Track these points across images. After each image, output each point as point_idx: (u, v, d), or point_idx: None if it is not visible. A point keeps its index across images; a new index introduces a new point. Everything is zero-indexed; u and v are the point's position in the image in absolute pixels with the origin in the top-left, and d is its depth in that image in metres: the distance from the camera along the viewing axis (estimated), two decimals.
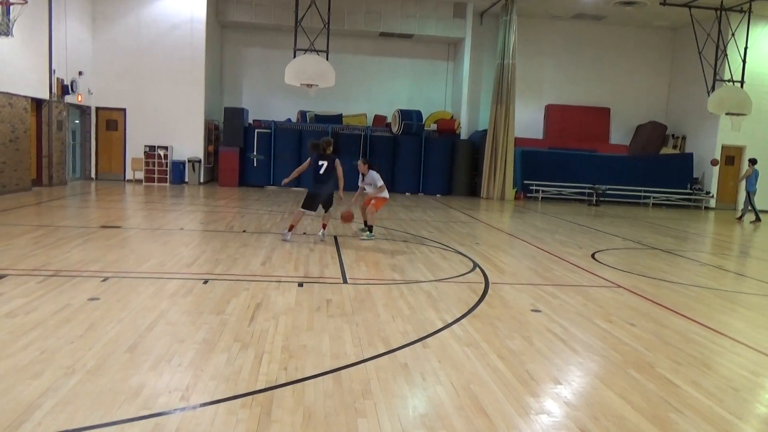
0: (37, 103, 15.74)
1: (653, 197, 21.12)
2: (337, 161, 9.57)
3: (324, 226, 9.96)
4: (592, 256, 9.62)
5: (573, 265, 8.72)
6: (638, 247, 11.13)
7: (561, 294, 6.81)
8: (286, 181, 9.92)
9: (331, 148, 9.66)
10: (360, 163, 10.45)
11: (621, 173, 21.19)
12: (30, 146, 15.29)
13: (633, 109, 23.38)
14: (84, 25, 18.29)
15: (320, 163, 9.46)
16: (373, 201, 10.37)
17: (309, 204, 9.59)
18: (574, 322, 5.67)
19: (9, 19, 11.56)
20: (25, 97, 14.76)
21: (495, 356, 4.60)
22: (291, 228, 9.65)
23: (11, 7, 11.73)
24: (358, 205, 10.87)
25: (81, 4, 17.97)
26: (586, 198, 20.86)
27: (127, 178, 19.63)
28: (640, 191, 21.12)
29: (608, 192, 20.56)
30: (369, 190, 10.40)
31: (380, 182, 10.23)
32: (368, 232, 10.21)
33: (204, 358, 4.27)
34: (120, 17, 19.02)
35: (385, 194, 10.40)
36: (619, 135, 23.49)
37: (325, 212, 9.89)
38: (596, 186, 20.34)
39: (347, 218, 10.04)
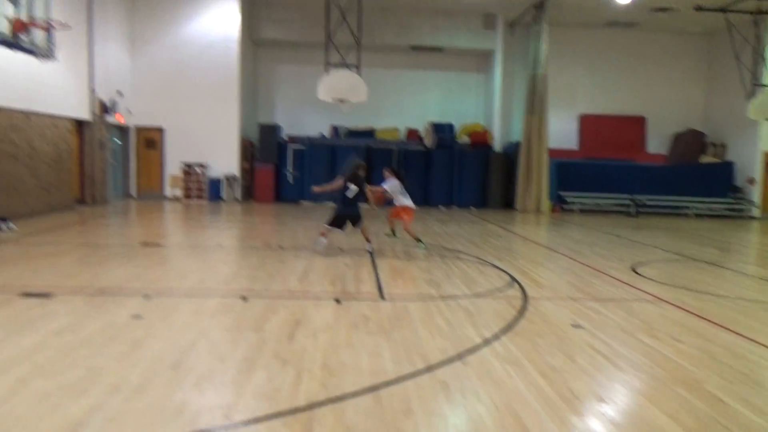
0: (80, 124, 16.21)
1: (694, 207, 20.63)
2: (367, 186, 9.83)
3: (368, 240, 10.06)
4: (633, 269, 9.43)
5: (614, 278, 8.56)
6: (680, 259, 10.88)
7: (602, 309, 6.68)
8: (317, 189, 10.16)
9: (363, 172, 9.85)
10: (384, 171, 10.78)
11: (659, 183, 20.80)
12: (73, 166, 15.73)
13: (670, 117, 22.97)
14: (123, 47, 18.81)
15: (349, 185, 9.64)
16: (404, 216, 10.58)
17: (336, 223, 9.76)
18: (617, 338, 5.56)
19: (52, 43, 11.94)
20: (68, 118, 15.22)
21: (536, 374, 4.53)
22: (323, 234, 9.77)
23: (54, 32, 12.13)
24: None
25: (120, 27, 18.50)
26: (624, 209, 20.50)
27: (166, 195, 20.03)
28: (680, 201, 20.68)
29: (647, 202, 20.18)
30: (398, 199, 10.65)
31: (385, 185, 10.39)
32: (421, 244, 10.45)
33: (245, 376, 4.30)
34: (157, 38, 19.51)
35: (403, 202, 10.54)
36: (656, 144, 23.09)
37: (360, 227, 9.97)
38: (635, 196, 19.99)
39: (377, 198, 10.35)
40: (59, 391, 3.91)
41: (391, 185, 10.41)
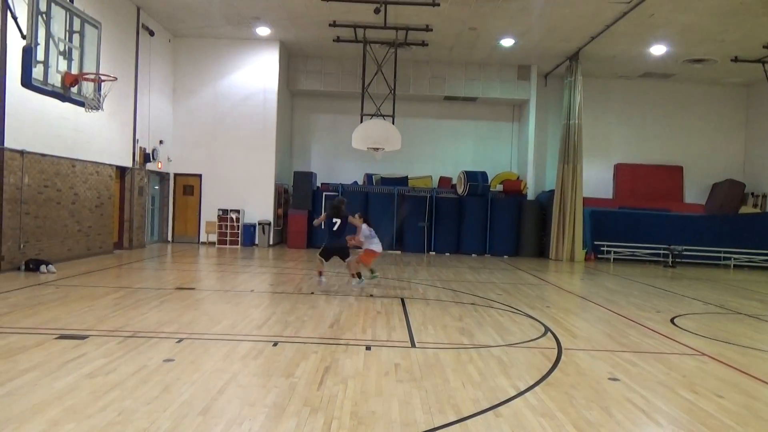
0: (121, 171, 16.71)
1: (734, 258, 20.07)
2: (350, 217, 11.01)
3: (357, 275, 10.85)
4: (672, 321, 9.17)
5: (651, 330, 8.33)
6: (721, 311, 10.54)
7: (640, 361, 6.48)
8: (316, 222, 11.48)
9: (344, 207, 10.97)
10: (357, 216, 11.31)
11: (698, 233, 20.34)
12: (113, 211, 16.15)
13: (707, 167, 22.65)
14: (165, 97, 19.49)
15: (334, 220, 10.77)
16: (363, 256, 11.27)
17: (324, 254, 10.90)
18: (655, 393, 5.37)
19: (100, 95, 12.43)
20: (110, 165, 15.71)
21: (572, 428, 4.39)
22: (320, 273, 10.98)
23: (102, 84, 12.64)
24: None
25: (163, 78, 19.22)
26: (661, 259, 20.06)
27: (201, 240, 20.35)
28: (719, 252, 20.14)
29: (685, 253, 19.71)
30: (365, 243, 11.30)
31: (367, 233, 11.16)
32: (357, 279, 11.04)
33: (274, 423, 4.27)
34: (198, 89, 20.18)
35: (369, 246, 11.14)
36: (694, 194, 22.72)
37: (348, 261, 10.93)
38: (672, 246, 19.56)
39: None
40: None
41: (362, 230, 11.27)
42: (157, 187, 19.77)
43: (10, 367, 5.33)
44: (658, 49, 18.67)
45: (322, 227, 11.62)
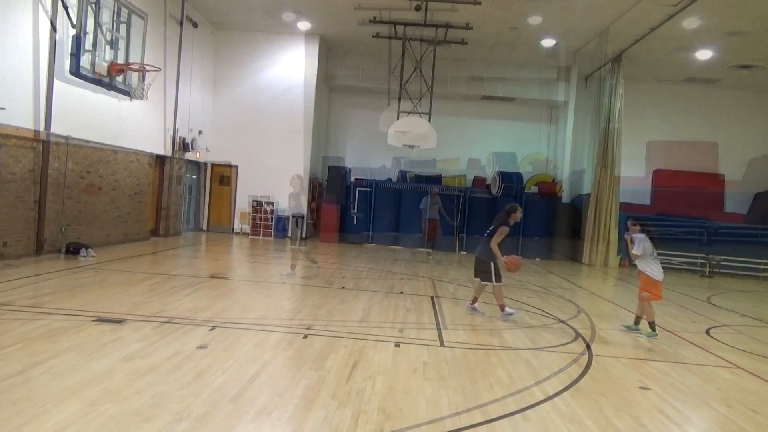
0: (160, 160, 17.03)
1: None
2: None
3: (314, 262, 12.40)
4: (707, 332, 8.98)
5: (685, 340, 8.18)
6: (759, 324, 10.28)
7: (672, 372, 6.38)
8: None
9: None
10: (630, 224, 8.79)
11: (738, 244, 19.81)
12: (151, 199, 16.48)
13: (751, 176, 22.04)
14: (206, 89, 19.79)
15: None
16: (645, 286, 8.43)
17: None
18: (688, 404, 5.28)
19: (144, 85, 12.72)
20: (150, 153, 16.02)
21: None
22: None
23: (146, 74, 12.93)
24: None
25: (204, 70, 19.51)
26: (698, 269, 19.61)
27: (234, 230, 20.63)
28: (759, 263, 19.60)
29: (723, 263, 19.23)
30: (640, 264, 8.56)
31: (638, 250, 8.41)
32: (650, 331, 8.05)
33: (302, 414, 4.33)
34: (238, 81, 20.42)
35: (653, 274, 8.47)
36: (735, 203, 22.12)
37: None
38: (710, 256, 19.10)
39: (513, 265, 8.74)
40: (126, 416, 4.05)
41: (641, 241, 8.55)
42: (194, 177, 20.09)
43: (50, 347, 5.50)
44: (703, 54, 18.24)
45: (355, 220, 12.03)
